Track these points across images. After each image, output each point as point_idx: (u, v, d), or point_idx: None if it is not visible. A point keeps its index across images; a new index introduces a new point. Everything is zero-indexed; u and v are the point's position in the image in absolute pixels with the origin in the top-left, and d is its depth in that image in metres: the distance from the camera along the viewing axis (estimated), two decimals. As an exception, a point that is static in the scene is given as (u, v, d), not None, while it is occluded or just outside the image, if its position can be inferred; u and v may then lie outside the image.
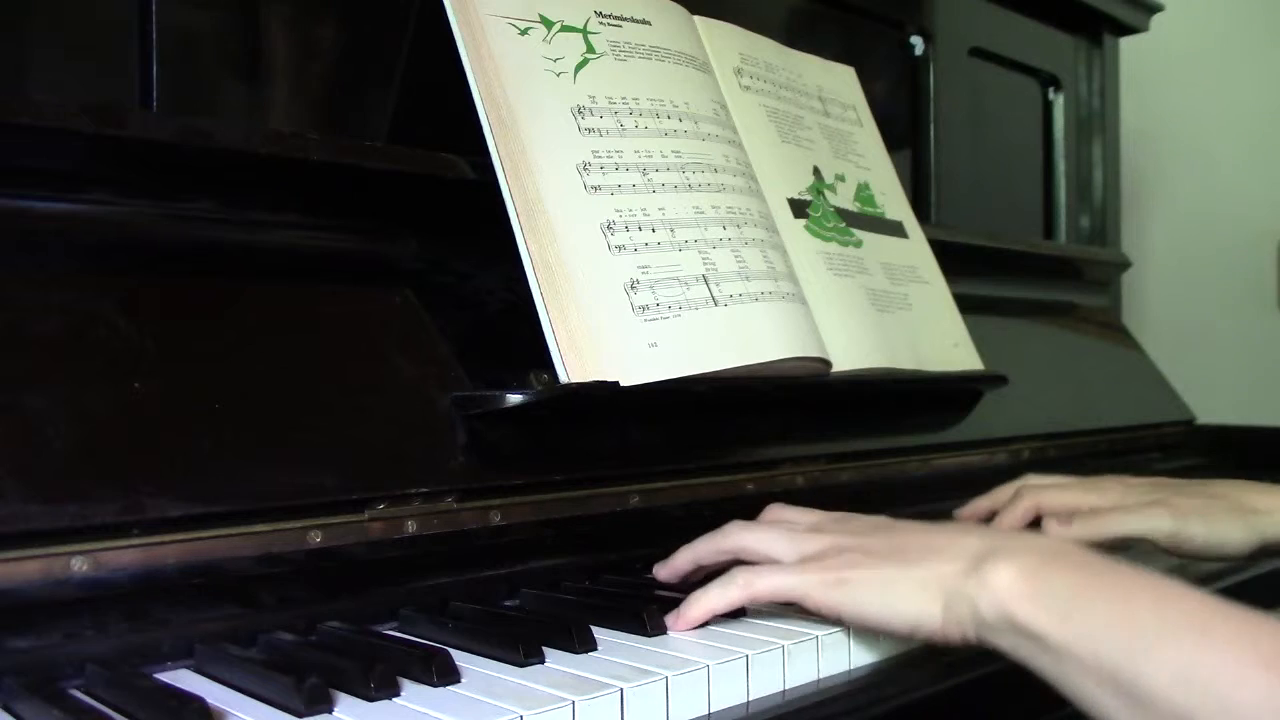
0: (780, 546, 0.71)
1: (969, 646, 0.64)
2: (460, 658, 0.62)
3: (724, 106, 0.99)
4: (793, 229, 1.00)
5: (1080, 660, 0.56)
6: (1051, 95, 1.68)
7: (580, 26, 0.89)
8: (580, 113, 0.85)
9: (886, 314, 1.05)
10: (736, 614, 0.72)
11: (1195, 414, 1.58)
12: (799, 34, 1.25)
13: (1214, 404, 1.66)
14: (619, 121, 0.87)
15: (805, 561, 0.69)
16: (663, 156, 0.88)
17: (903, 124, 1.42)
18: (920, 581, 0.64)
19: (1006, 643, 0.61)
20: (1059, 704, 0.62)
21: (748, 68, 1.05)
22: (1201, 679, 0.52)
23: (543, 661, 0.63)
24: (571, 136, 0.84)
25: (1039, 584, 0.59)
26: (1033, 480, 0.98)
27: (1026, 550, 0.62)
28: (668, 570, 0.78)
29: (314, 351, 0.75)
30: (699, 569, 0.76)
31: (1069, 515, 0.88)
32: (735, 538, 0.73)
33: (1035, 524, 0.91)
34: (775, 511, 0.77)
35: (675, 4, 0.99)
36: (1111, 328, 1.62)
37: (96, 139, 0.68)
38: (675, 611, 0.70)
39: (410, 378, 0.77)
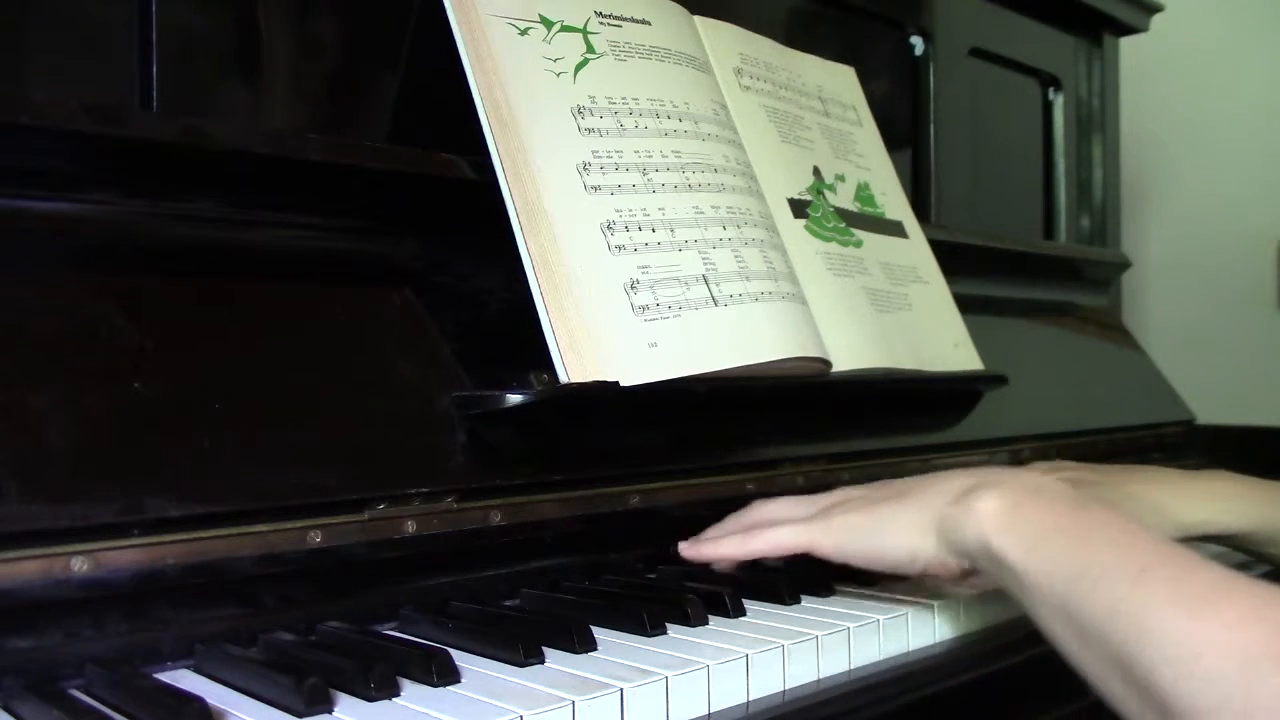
0: (798, 510, 0.78)
1: (963, 575, 0.69)
2: (460, 658, 0.62)
3: (724, 106, 0.99)
4: (793, 229, 1.00)
5: (1039, 588, 0.60)
6: (1051, 95, 1.68)
7: (580, 26, 0.89)
8: (580, 113, 0.85)
9: (886, 314, 1.05)
10: (736, 613, 0.73)
11: (1195, 414, 1.58)
12: (799, 34, 1.25)
13: (1214, 404, 1.65)
14: (619, 121, 0.87)
15: (814, 517, 0.75)
16: (663, 156, 0.88)
17: (903, 124, 1.42)
18: (914, 514, 0.70)
19: (987, 568, 0.66)
20: (1063, 702, 0.62)
21: (748, 68, 1.05)
22: (1130, 613, 0.55)
23: (543, 661, 0.63)
24: (571, 136, 0.84)
25: (1015, 516, 0.64)
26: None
27: (1010, 485, 0.66)
28: (695, 552, 0.80)
29: (314, 351, 0.75)
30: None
31: None
32: (758, 512, 0.80)
33: None
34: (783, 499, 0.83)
35: (675, 4, 0.99)
36: (1111, 328, 1.62)
37: (96, 139, 0.68)
38: (693, 539, 0.78)
39: (410, 378, 0.77)
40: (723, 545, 0.77)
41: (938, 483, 0.71)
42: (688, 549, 0.80)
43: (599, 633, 0.67)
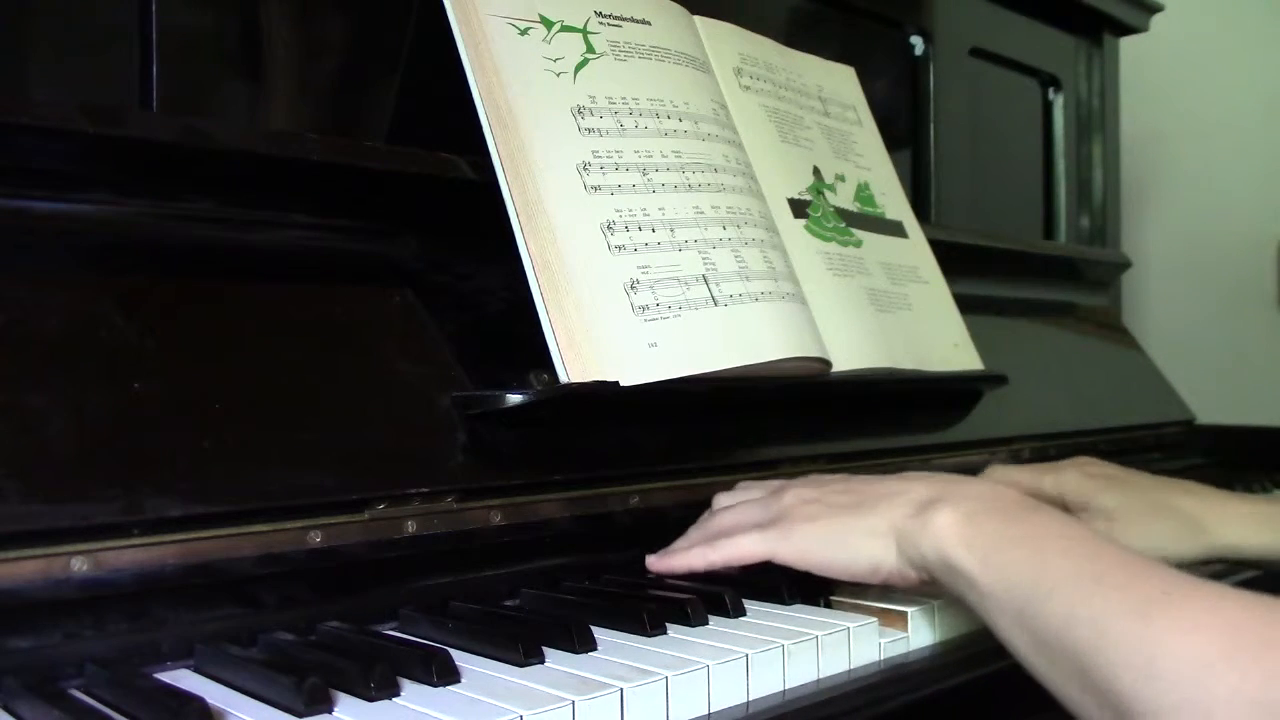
0: (755, 515, 0.77)
1: (923, 585, 0.70)
2: (460, 658, 0.62)
3: (724, 106, 0.99)
4: (793, 229, 1.00)
5: (997, 599, 0.61)
6: (1051, 95, 1.68)
7: (580, 26, 0.89)
8: (580, 113, 0.85)
9: (886, 314, 1.05)
10: (736, 613, 0.73)
11: (1195, 414, 1.58)
12: (799, 34, 1.25)
13: (1214, 404, 1.66)
14: (619, 121, 0.87)
15: (774, 524, 0.75)
16: (663, 156, 0.88)
17: (903, 124, 1.42)
18: (873, 527, 0.70)
19: (945, 580, 0.66)
20: (1055, 706, 0.62)
21: (748, 68, 1.05)
22: (1086, 620, 0.56)
23: (543, 661, 0.63)
24: (571, 136, 0.84)
25: (972, 529, 0.64)
26: (997, 472, 0.99)
27: (967, 497, 0.67)
28: (663, 565, 0.80)
29: (314, 351, 0.75)
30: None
31: None
32: (717, 523, 0.80)
33: None
34: (744, 490, 0.84)
35: (675, 4, 0.99)
36: (1111, 328, 1.62)
37: (96, 139, 0.68)
38: (661, 552, 0.78)
39: (410, 377, 0.77)
40: (689, 557, 0.77)
41: (895, 492, 0.71)
42: (655, 562, 0.80)
43: (599, 633, 0.67)
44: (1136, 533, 0.87)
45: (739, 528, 0.77)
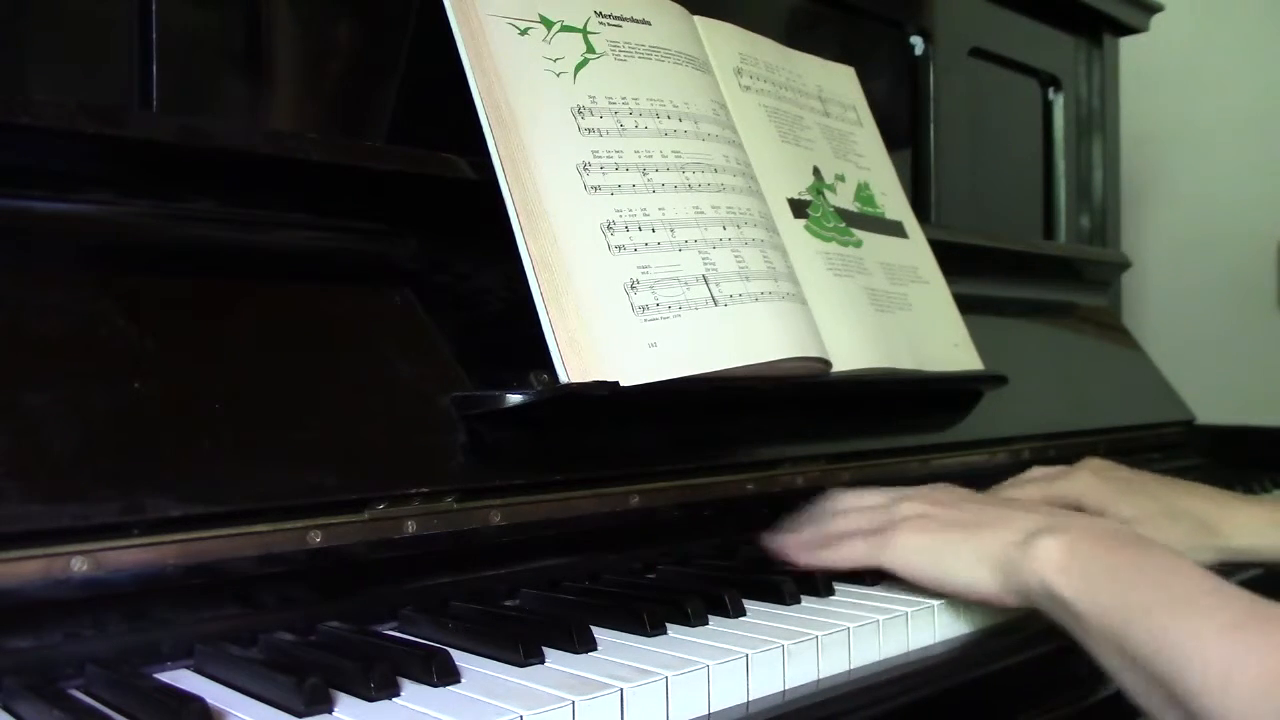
0: (866, 521, 0.81)
1: (1020, 608, 0.72)
2: (460, 658, 0.62)
3: (724, 106, 0.99)
4: (793, 229, 1.00)
5: (1095, 625, 0.65)
6: (1051, 95, 1.68)
7: (580, 26, 0.89)
8: (580, 113, 0.85)
9: (886, 314, 1.05)
10: (736, 613, 0.73)
11: (1195, 414, 1.58)
12: (799, 34, 1.25)
13: (1214, 404, 1.65)
14: (619, 121, 0.87)
15: (882, 532, 0.78)
16: (663, 156, 0.88)
17: (903, 124, 1.42)
18: (977, 550, 0.74)
19: (1045, 607, 0.69)
20: (1061, 703, 0.62)
21: (748, 68, 1.05)
22: (1173, 644, 0.59)
23: (543, 661, 0.63)
24: (571, 136, 0.84)
25: (1075, 558, 0.67)
26: (1036, 473, 1.00)
27: (1075, 529, 0.70)
28: (776, 548, 0.85)
29: (314, 351, 0.75)
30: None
31: None
32: (835, 506, 0.85)
33: None
34: (863, 494, 0.86)
35: (675, 4, 0.99)
36: (1111, 328, 1.62)
37: (96, 139, 0.68)
38: (777, 533, 0.84)
39: (410, 378, 0.77)
40: (801, 556, 0.82)
41: (1004, 519, 0.75)
42: (769, 540, 0.85)
43: (599, 633, 0.67)
44: (1152, 538, 0.87)
45: (850, 534, 0.81)
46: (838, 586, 0.80)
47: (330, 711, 0.55)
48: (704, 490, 0.92)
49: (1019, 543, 0.71)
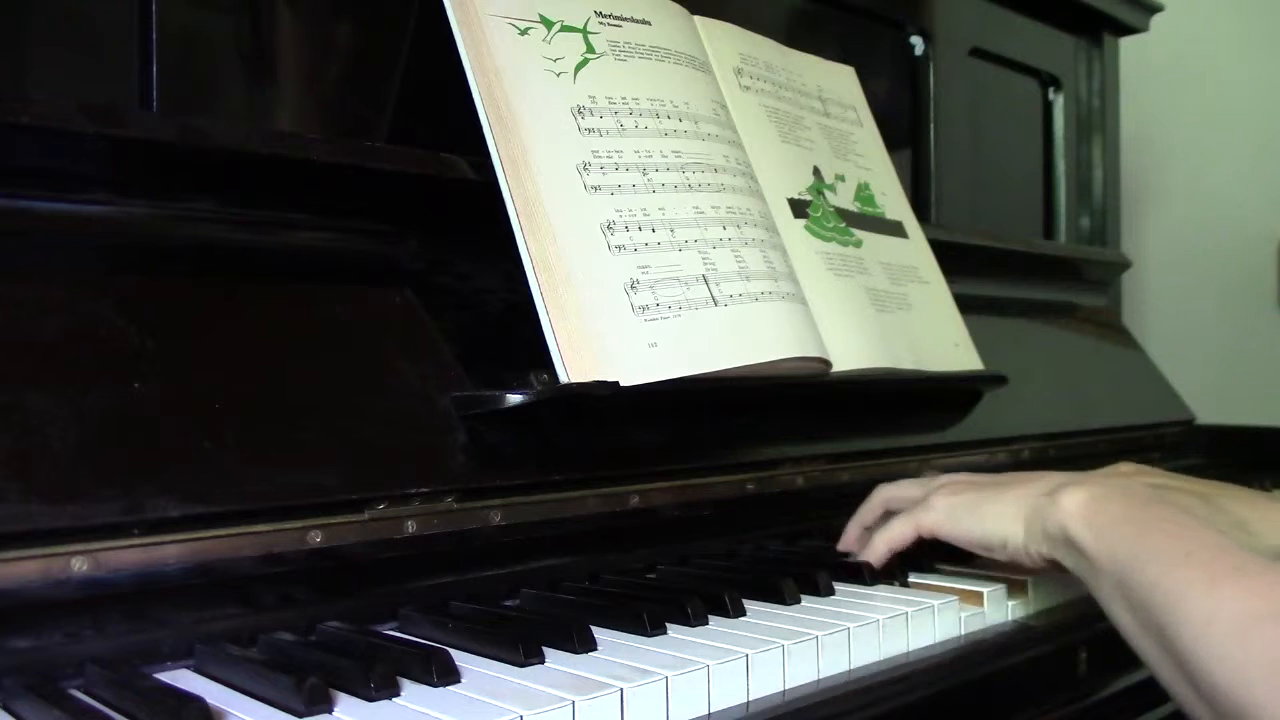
0: (914, 491, 0.88)
1: (1045, 566, 0.77)
2: (460, 658, 0.62)
3: (724, 106, 0.99)
4: (793, 229, 1.00)
5: (1104, 570, 0.68)
6: (1051, 95, 1.68)
7: (580, 26, 0.89)
8: (580, 113, 0.85)
9: (886, 314, 1.05)
10: (736, 613, 0.73)
11: (1195, 414, 1.58)
12: (799, 34, 1.25)
13: (1214, 404, 1.65)
14: (619, 121, 0.87)
15: (919, 500, 0.85)
16: (663, 156, 0.88)
17: (903, 124, 1.42)
18: (1009, 504, 0.78)
19: (1064, 555, 0.73)
20: (1061, 703, 0.62)
21: (748, 68, 1.05)
22: (1167, 588, 0.63)
23: (543, 661, 0.63)
24: (571, 136, 0.84)
25: (1095, 508, 0.71)
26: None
27: (1099, 483, 0.74)
28: (843, 543, 0.93)
29: (314, 351, 0.75)
30: (865, 531, 0.91)
31: None
32: (881, 494, 0.92)
33: None
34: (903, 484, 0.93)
35: (675, 4, 0.99)
36: (1111, 328, 1.62)
37: (96, 139, 0.68)
38: (844, 539, 0.92)
39: (410, 377, 0.77)
40: (864, 554, 0.87)
41: (1036, 478, 0.80)
42: (840, 545, 0.93)
43: (599, 633, 0.67)
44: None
45: (903, 501, 0.88)
46: (838, 586, 0.81)
47: (330, 711, 0.55)
48: (704, 490, 0.92)
49: (1048, 493, 0.75)
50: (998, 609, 0.80)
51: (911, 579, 0.85)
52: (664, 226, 0.86)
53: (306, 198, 0.79)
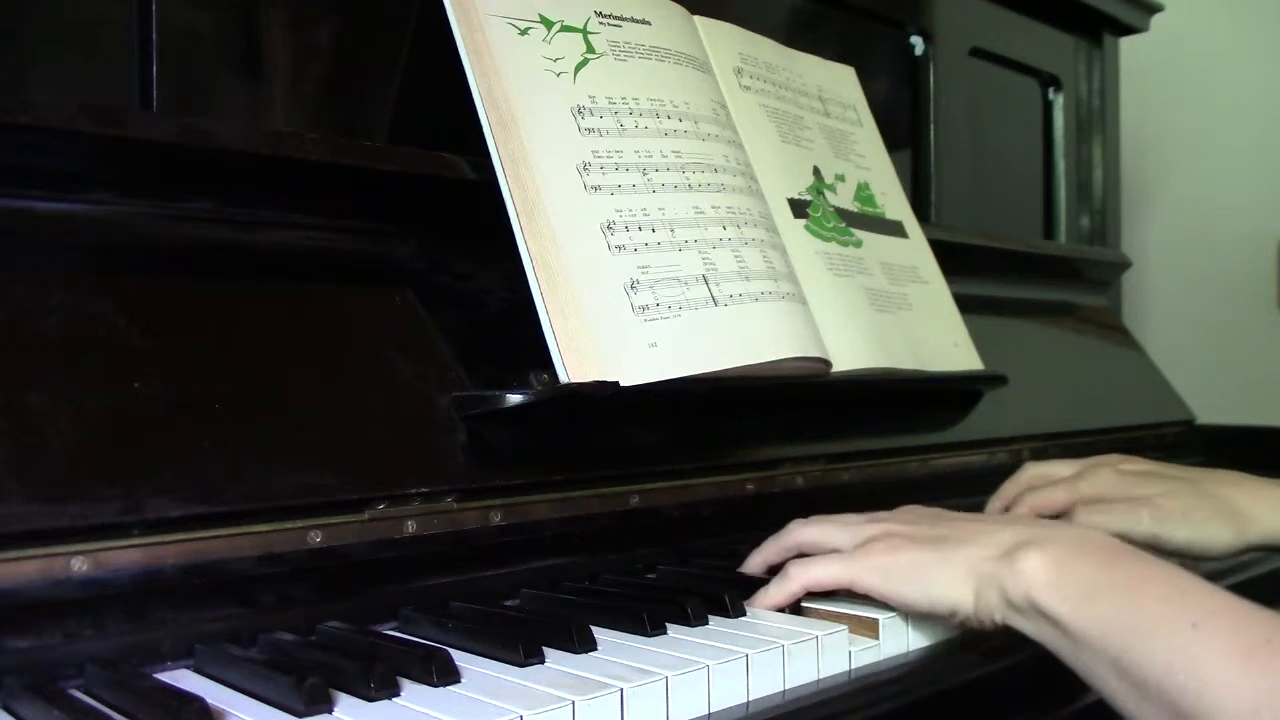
0: (837, 537, 0.77)
1: (999, 631, 0.68)
2: (460, 658, 0.62)
3: (724, 106, 0.99)
4: (793, 229, 1.00)
5: (1091, 645, 0.61)
6: (1051, 95, 1.68)
7: (580, 26, 0.89)
8: (580, 113, 0.85)
9: (886, 314, 1.05)
10: (736, 613, 0.73)
11: (1195, 414, 1.58)
12: (799, 34, 1.25)
13: (1214, 404, 1.65)
14: (619, 121, 0.87)
15: (855, 551, 0.74)
16: (663, 156, 0.88)
17: (903, 124, 1.42)
18: (955, 567, 0.69)
19: (1030, 626, 0.65)
20: (1061, 704, 0.62)
21: (748, 68, 1.05)
22: (1187, 668, 0.56)
23: (543, 661, 0.63)
24: (571, 136, 0.84)
25: (1062, 573, 0.64)
26: (1031, 469, 0.99)
27: (1056, 541, 0.66)
28: (746, 568, 0.82)
29: (314, 351, 0.75)
30: (769, 570, 0.80)
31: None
32: (796, 535, 0.79)
33: None
34: (822, 519, 0.81)
35: (675, 4, 0.99)
36: (1111, 328, 1.62)
37: (96, 139, 0.68)
38: (758, 594, 0.75)
39: (410, 378, 0.77)
40: (770, 595, 0.75)
41: (980, 534, 0.70)
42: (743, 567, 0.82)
43: (599, 633, 0.67)
44: (1178, 520, 0.87)
45: (821, 548, 0.77)
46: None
47: (330, 711, 0.55)
48: (704, 490, 0.92)
49: (997, 558, 0.67)
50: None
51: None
52: (664, 226, 0.86)
53: (307, 197, 0.79)
